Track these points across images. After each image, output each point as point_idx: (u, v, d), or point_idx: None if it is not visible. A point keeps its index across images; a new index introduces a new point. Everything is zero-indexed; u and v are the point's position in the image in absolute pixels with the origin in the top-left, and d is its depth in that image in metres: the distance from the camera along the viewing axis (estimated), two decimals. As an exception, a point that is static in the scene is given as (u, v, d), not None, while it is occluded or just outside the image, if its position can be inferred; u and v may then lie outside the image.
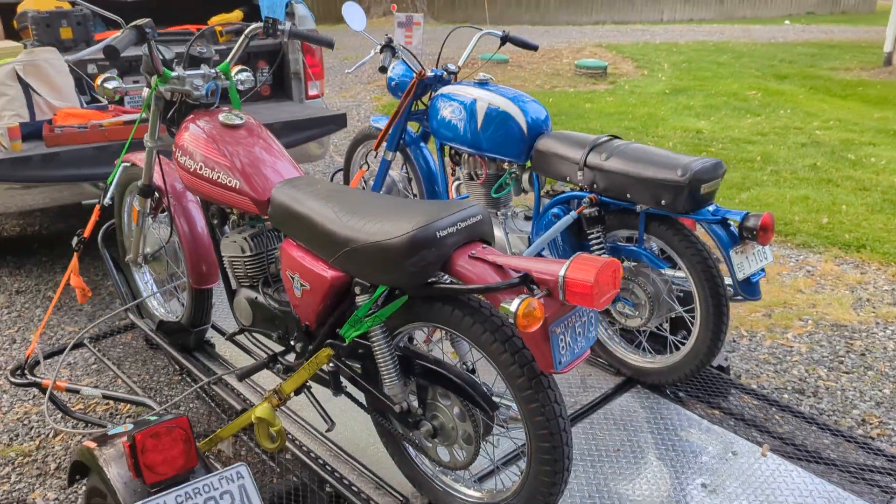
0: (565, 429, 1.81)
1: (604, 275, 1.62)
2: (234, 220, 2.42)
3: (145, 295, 3.01)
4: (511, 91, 2.94)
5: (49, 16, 4.05)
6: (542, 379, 1.78)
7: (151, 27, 2.30)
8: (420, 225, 1.76)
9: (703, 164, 2.37)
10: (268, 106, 4.46)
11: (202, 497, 1.73)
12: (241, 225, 2.42)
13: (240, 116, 2.38)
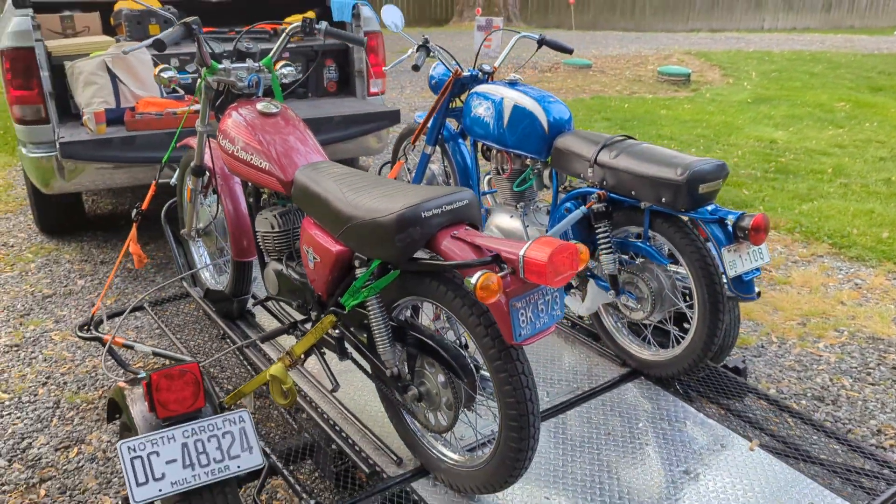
0: (531, 399, 1.98)
1: (558, 256, 1.78)
2: (265, 199, 2.70)
3: (198, 266, 3.34)
4: (537, 91, 3.10)
5: (140, 14, 4.47)
6: (511, 351, 1.95)
7: (197, 24, 2.59)
8: (408, 205, 1.97)
9: (702, 165, 2.48)
10: (331, 101, 4.76)
11: (206, 434, 1.98)
12: (272, 204, 2.69)
13: (276, 106, 2.65)
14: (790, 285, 4.35)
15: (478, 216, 2.10)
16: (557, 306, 1.95)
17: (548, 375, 2.88)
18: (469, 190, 2.10)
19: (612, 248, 2.78)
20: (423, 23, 18.87)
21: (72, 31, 4.50)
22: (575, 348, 3.08)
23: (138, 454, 1.89)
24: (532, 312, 1.88)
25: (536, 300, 1.89)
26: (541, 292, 1.90)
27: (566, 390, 2.79)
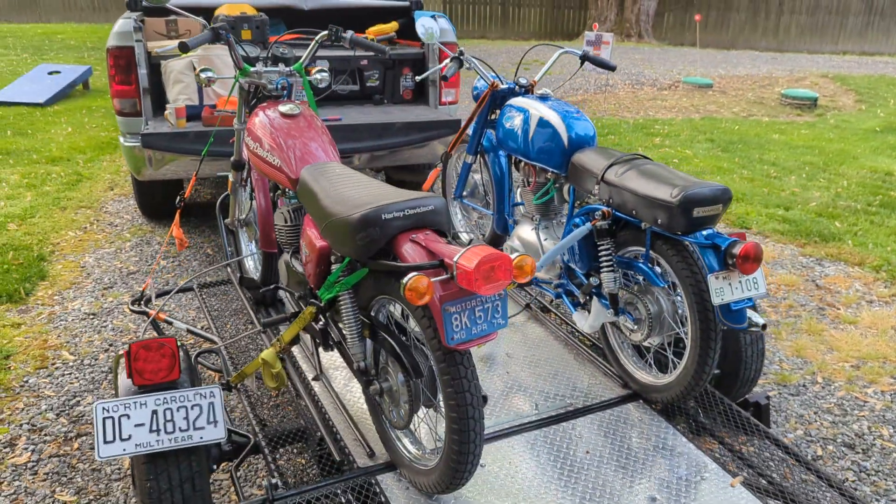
0: (473, 404, 2.03)
1: (486, 265, 1.83)
2: (279, 194, 2.88)
3: (242, 255, 3.58)
4: (564, 106, 3.12)
5: (234, 19, 4.82)
6: (455, 355, 2.01)
7: (226, 30, 2.81)
8: (371, 207, 2.08)
9: (699, 188, 2.43)
10: (401, 108, 4.93)
11: (177, 404, 2.17)
12: (287, 200, 2.87)
13: (297, 107, 2.83)
14: (855, 325, 4.09)
15: (444, 222, 2.17)
16: (499, 315, 1.99)
17: (544, 388, 2.90)
18: (438, 197, 2.18)
19: (613, 266, 2.77)
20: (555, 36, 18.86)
21: (175, 33, 4.92)
22: (581, 365, 3.07)
23: (111, 415, 2.10)
24: (468, 318, 1.94)
25: (474, 306, 1.94)
26: (479, 299, 1.95)
27: (558, 405, 2.79)
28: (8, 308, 4.23)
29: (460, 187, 3.81)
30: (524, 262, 1.98)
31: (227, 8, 4.94)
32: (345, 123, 4.41)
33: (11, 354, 3.75)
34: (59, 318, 4.14)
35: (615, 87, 11.05)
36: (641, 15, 17.54)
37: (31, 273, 4.64)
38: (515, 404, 2.79)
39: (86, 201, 6.07)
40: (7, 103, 9.65)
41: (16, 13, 18.35)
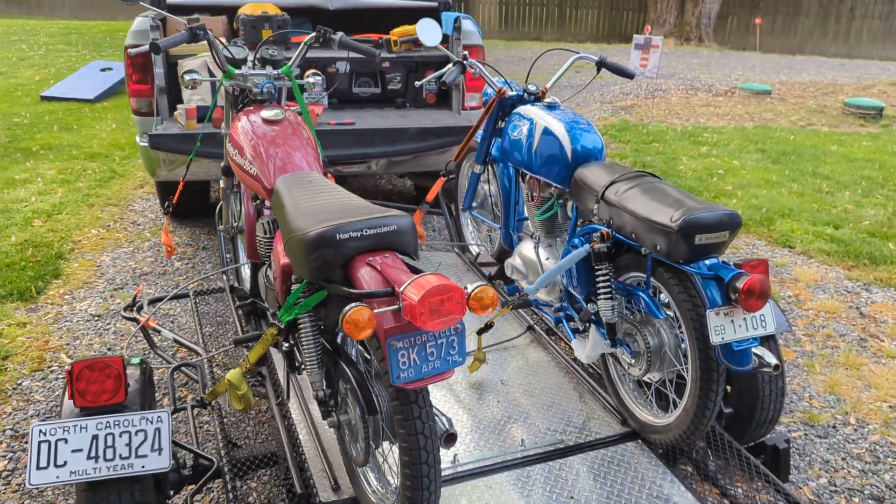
0: (426, 447, 1.84)
1: (433, 298, 1.64)
2: (257, 204, 2.73)
3: (235, 264, 3.46)
4: (571, 116, 2.90)
5: (255, 19, 4.72)
6: (409, 393, 1.82)
7: (203, 30, 2.67)
8: (326, 226, 1.90)
9: (702, 213, 2.18)
10: (423, 112, 4.75)
11: (119, 429, 2.03)
12: (265, 210, 2.72)
13: (280, 113, 2.67)
14: (900, 360, 3.74)
15: (410, 243, 1.98)
16: (455, 352, 1.79)
17: (536, 421, 2.68)
18: (405, 217, 1.99)
19: (611, 293, 2.53)
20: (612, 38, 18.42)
21: (195, 32, 4.84)
22: (581, 397, 2.84)
23: (47, 438, 1.97)
24: (418, 355, 1.75)
25: (425, 342, 1.75)
26: (431, 334, 1.76)
27: (547, 441, 2.57)
28: (17, 307, 4.21)
29: (468, 198, 3.61)
30: (484, 294, 1.78)
31: (249, 7, 4.85)
32: (357, 128, 4.26)
33: (10, 355, 3.71)
34: (65, 319, 4.09)
35: (668, 93, 10.65)
36: (702, 18, 16.98)
37: (47, 271, 4.62)
38: (501, 439, 2.59)
39: (114, 199, 6.07)
40: (59, 99, 9.83)
41: (83, 10, 18.84)
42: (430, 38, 3.17)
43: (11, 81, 10.77)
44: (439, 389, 2.85)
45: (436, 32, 3.18)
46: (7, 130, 8.00)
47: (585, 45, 15.69)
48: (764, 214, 5.64)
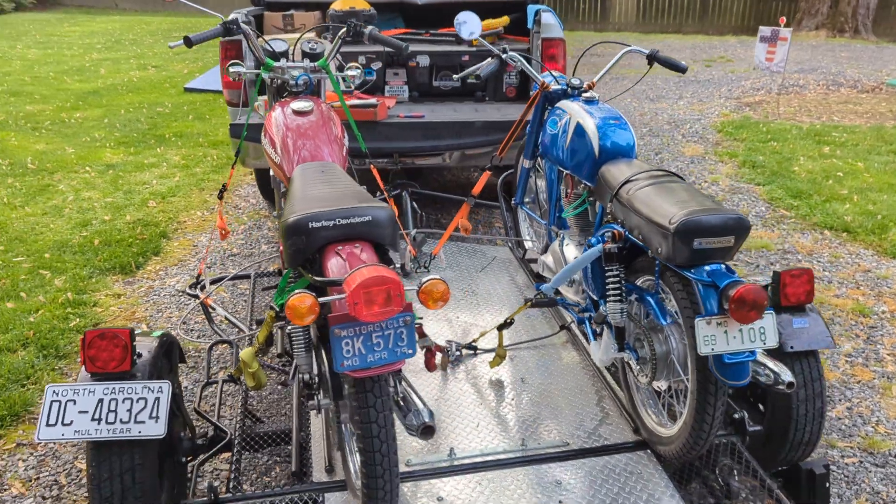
0: (380, 436, 1.88)
1: (365, 289, 1.66)
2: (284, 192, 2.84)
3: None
4: (605, 112, 2.81)
5: (343, 14, 4.88)
6: (365, 381, 1.87)
7: (236, 24, 2.80)
8: (299, 215, 1.97)
9: (703, 215, 2.06)
10: (499, 106, 4.73)
11: (123, 395, 2.20)
12: None
13: (310, 104, 2.77)
14: None
15: (386, 235, 2.02)
16: (404, 343, 1.81)
17: (545, 422, 2.64)
18: (384, 207, 2.03)
19: (620, 296, 2.44)
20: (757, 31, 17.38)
21: (291, 27, 5.08)
22: (600, 402, 2.77)
23: (59, 398, 2.17)
24: (363, 344, 1.78)
25: (370, 332, 1.78)
26: (379, 324, 1.79)
27: (551, 443, 2.53)
28: (117, 279, 4.60)
29: (520, 193, 3.58)
30: (434, 288, 1.79)
31: (340, 2, 5.02)
32: (425, 121, 4.31)
33: (99, 322, 4.06)
34: (154, 293, 4.43)
35: (805, 88, 9.97)
36: (860, 8, 15.67)
37: (149, 248, 5.02)
38: (503, 436, 2.57)
39: (223, 184, 6.47)
40: (199, 90, 10.55)
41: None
42: (468, 31, 3.16)
43: (163, 74, 11.67)
44: (454, 381, 2.87)
45: (474, 25, 3.17)
46: (149, 119, 8.70)
47: (725, 39, 14.93)
48: (878, 222, 5.19)
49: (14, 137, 7.79)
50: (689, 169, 6.40)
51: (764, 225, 5.20)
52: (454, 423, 2.65)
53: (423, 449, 2.51)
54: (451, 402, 2.76)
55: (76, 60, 12.58)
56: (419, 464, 2.44)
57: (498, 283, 3.66)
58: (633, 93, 9.59)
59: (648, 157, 6.76)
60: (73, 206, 5.76)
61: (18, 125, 8.33)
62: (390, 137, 4.25)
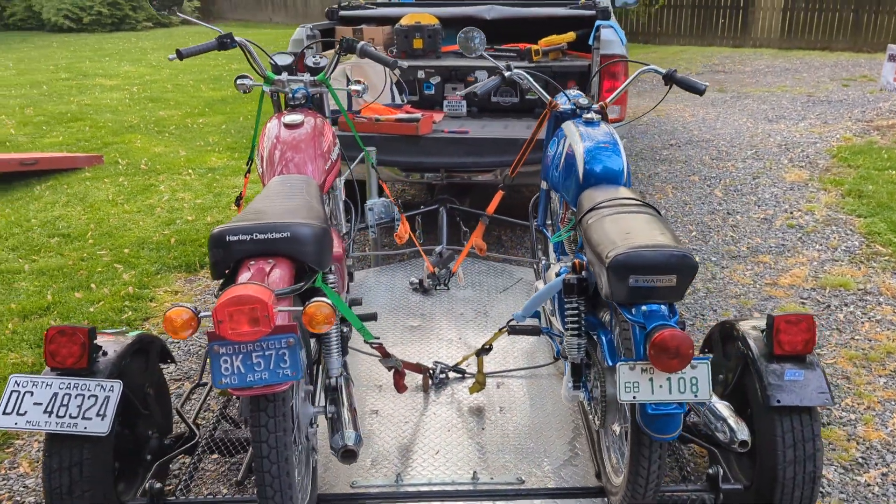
0: (270, 457, 1.86)
1: (232, 307, 1.65)
2: None
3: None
4: (599, 134, 2.65)
5: (408, 29, 4.92)
6: (259, 400, 1.86)
7: (230, 38, 2.86)
8: (220, 227, 2.00)
9: (642, 251, 1.90)
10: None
11: (76, 391, 2.31)
12: None
13: (300, 118, 2.80)
14: None
15: (307, 252, 2.00)
16: (286, 365, 1.78)
17: (505, 456, 2.52)
18: (309, 225, 2.01)
19: (578, 330, 2.29)
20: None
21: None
22: (574, 440, 2.61)
23: (18, 389, 2.31)
24: (243, 363, 1.77)
25: (250, 351, 1.77)
26: (261, 343, 1.77)
27: (504, 479, 2.41)
28: (180, 277, 4.85)
29: (541, 215, 3.45)
30: (317, 311, 1.75)
31: (407, 18, 5.07)
32: (468, 137, 4.25)
33: (151, 317, 4.30)
34: (209, 291, 4.64)
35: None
36: None
37: (218, 250, 5.25)
38: (456, 466, 2.47)
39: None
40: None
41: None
42: (472, 47, 3.08)
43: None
44: (432, 404, 2.80)
45: (478, 42, 3.08)
46: (263, 125, 9.14)
47: (874, 57, 13.74)
48: None
49: (140, 140, 8.42)
50: (784, 196, 5.94)
51: (851, 261, 4.73)
52: (415, 447, 2.58)
53: (371, 472, 2.46)
54: (419, 425, 2.70)
55: (216, 70, 13.46)
56: (363, 486, 2.40)
57: (515, 305, 3.54)
58: (751, 112, 9.03)
59: (743, 182, 6.34)
60: (166, 205, 6.15)
61: (148, 128, 9.01)
62: (432, 152, 4.23)
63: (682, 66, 12.58)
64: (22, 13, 20.30)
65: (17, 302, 4.38)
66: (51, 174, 7.08)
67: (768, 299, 4.28)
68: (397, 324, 3.38)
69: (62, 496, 2.28)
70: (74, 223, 5.69)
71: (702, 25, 16.49)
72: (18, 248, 5.23)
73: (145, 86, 11.74)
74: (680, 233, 5.28)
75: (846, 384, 3.44)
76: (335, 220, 3.50)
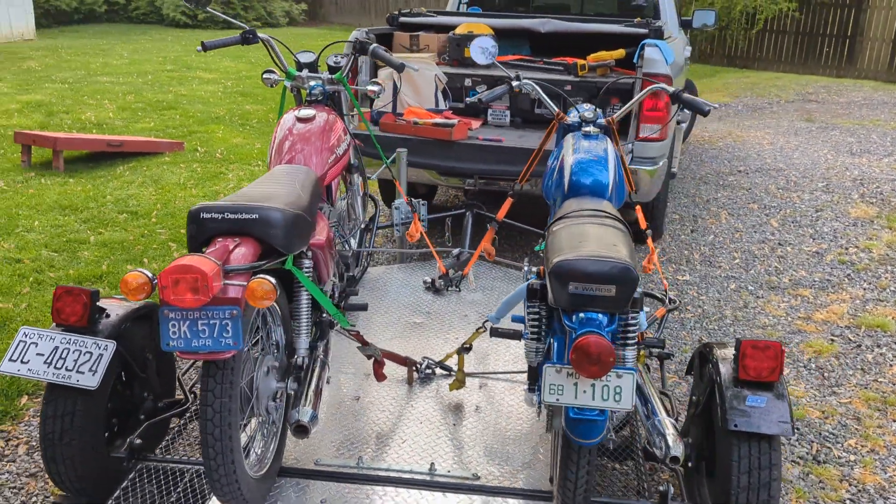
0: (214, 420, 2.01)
1: (173, 274, 1.80)
2: None
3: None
4: (592, 148, 2.69)
5: (460, 38, 5.04)
6: (209, 366, 2.01)
7: (252, 34, 3.04)
8: (197, 205, 2.16)
9: (581, 260, 1.94)
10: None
11: (73, 346, 2.52)
12: None
13: (311, 112, 2.95)
14: None
15: (272, 234, 2.13)
16: (228, 335, 1.92)
17: (468, 453, 2.59)
18: (279, 209, 2.15)
19: (538, 334, 2.33)
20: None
21: (416, 47, 5.32)
22: (538, 445, 2.65)
23: (25, 340, 2.55)
24: (189, 329, 1.91)
25: (196, 318, 1.91)
26: (208, 311, 1.91)
27: (459, 474, 2.48)
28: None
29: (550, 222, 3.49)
30: (258, 286, 1.88)
31: (463, 27, 5.19)
32: (501, 145, 4.32)
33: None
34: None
35: None
36: None
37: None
38: (418, 456, 2.56)
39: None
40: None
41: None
42: (483, 56, 3.15)
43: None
44: (413, 397, 2.89)
45: (488, 52, 3.14)
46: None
47: None
48: None
49: (222, 131, 8.87)
50: (844, 231, 5.73)
51: (897, 303, 4.54)
52: (385, 434, 2.68)
53: (338, 452, 2.58)
54: (395, 414, 2.80)
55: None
56: (325, 464, 2.51)
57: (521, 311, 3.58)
58: (834, 144, 8.69)
59: (804, 214, 6.14)
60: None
61: (232, 120, 9.47)
62: (463, 158, 4.32)
63: (773, 94, 12.21)
64: (145, 7, 21.57)
65: (76, 269, 4.73)
66: (134, 156, 7.57)
67: (795, 333, 4.16)
68: (402, 319, 3.49)
69: (54, 442, 2.49)
70: (144, 202, 6.07)
71: (804, 53, 15.94)
72: (90, 221, 5.64)
73: (239, 81, 12.30)
74: (722, 259, 5.18)
75: (855, 425, 3.33)
76: (353, 213, 3.65)
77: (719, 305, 4.48)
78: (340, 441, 2.64)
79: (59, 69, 13.55)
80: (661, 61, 4.37)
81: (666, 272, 4.93)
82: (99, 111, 9.72)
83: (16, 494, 2.87)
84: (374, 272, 4.02)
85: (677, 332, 4.15)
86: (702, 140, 8.94)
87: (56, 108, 9.78)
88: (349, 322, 3.05)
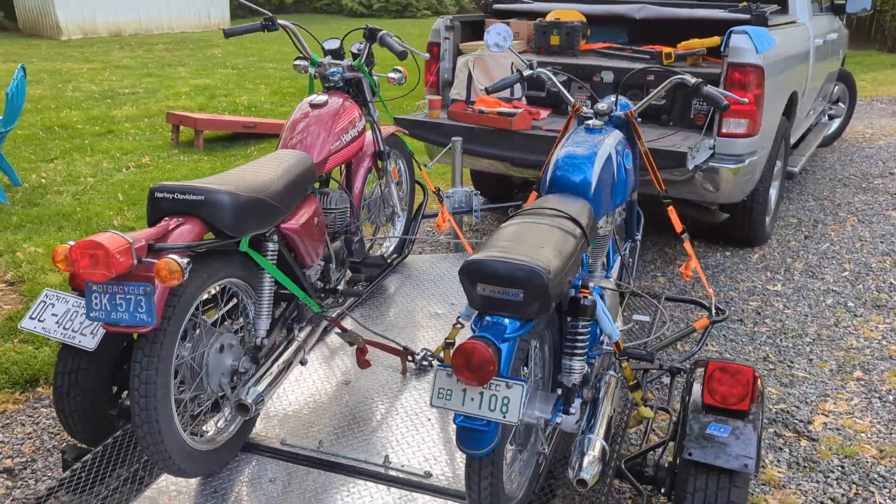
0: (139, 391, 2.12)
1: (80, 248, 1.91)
2: None
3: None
4: (582, 143, 2.51)
5: (546, 25, 4.86)
6: (140, 339, 2.12)
7: (272, 22, 3.10)
8: (158, 184, 2.28)
9: (491, 260, 1.83)
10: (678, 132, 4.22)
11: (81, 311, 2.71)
12: None
13: (324, 98, 2.99)
14: None
15: (218, 217, 2.21)
16: (143, 311, 2.01)
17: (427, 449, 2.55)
18: (228, 194, 2.21)
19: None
20: None
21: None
22: (503, 450, 2.54)
23: (45, 300, 2.80)
24: (109, 302, 2.02)
25: (115, 293, 2.01)
26: (123, 287, 2.01)
27: (411, 469, 2.44)
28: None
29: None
30: (164, 266, 1.94)
31: (552, 14, 5.02)
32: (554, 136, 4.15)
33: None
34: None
35: None
36: None
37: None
38: (377, 447, 2.54)
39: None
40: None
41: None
42: (495, 43, 3.00)
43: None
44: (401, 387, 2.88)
45: (502, 39, 2.99)
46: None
47: None
48: None
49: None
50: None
51: None
52: (358, 422, 2.69)
53: (305, 434, 2.62)
54: (376, 403, 2.80)
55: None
56: (288, 444, 2.56)
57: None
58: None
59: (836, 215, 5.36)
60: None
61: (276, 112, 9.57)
62: (522, 148, 4.19)
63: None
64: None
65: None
66: (266, 137, 8.04)
67: (885, 359, 3.66)
68: (424, 309, 3.47)
69: (62, 395, 2.73)
70: (258, 182, 6.44)
71: None
72: (205, 198, 6.07)
73: (386, 68, 12.66)
74: (828, 271, 4.65)
75: (913, 470, 2.89)
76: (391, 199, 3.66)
77: (804, 321, 4.04)
78: (312, 423, 2.68)
79: (237, 56, 14.63)
80: (749, 50, 3.99)
81: (757, 281, 4.51)
82: (253, 95, 10.39)
83: (51, 438, 3.18)
84: (418, 259, 4.01)
85: (743, 346, 3.80)
86: (861, 137, 8.05)
87: (219, 91, 10.58)
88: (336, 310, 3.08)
